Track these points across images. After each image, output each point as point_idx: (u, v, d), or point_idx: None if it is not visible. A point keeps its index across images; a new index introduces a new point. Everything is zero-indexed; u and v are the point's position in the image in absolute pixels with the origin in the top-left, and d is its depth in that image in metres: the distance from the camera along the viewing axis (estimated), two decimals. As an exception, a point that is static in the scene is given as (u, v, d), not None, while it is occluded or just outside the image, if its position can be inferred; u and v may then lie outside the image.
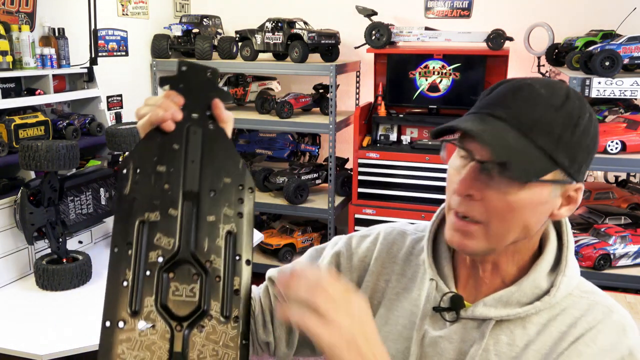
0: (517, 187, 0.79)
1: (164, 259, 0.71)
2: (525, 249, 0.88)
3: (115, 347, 0.68)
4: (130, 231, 0.71)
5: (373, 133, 3.85)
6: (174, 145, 0.74)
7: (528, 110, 0.79)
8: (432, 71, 3.75)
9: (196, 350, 0.69)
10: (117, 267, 0.71)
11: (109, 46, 3.55)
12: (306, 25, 3.78)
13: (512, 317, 0.85)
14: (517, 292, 0.86)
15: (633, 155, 2.89)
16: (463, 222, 0.83)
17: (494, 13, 3.86)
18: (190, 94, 0.77)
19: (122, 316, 0.69)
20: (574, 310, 0.84)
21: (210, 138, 0.75)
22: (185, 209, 0.72)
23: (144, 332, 0.69)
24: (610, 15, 3.48)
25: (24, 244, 2.36)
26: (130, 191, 0.73)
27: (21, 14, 2.84)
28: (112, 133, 2.56)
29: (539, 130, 0.78)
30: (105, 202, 2.68)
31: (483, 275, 0.90)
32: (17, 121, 2.53)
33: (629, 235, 2.96)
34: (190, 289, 0.71)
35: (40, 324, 2.02)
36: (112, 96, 3.57)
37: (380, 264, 1.01)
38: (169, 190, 0.73)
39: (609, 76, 2.80)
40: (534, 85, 0.81)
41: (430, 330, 0.90)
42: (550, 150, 0.78)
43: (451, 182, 0.86)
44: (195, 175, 0.73)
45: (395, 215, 3.61)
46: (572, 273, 0.87)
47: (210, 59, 3.90)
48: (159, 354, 0.68)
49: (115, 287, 0.70)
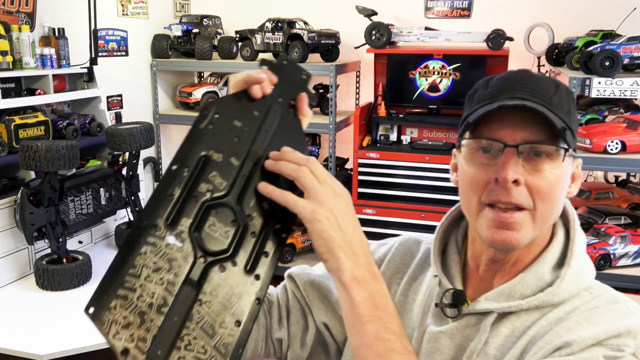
0: (553, 163, 0.81)
1: (212, 195, 0.74)
2: (541, 238, 0.87)
3: (141, 245, 0.70)
4: (192, 157, 0.76)
5: (373, 133, 3.85)
6: (254, 111, 0.80)
7: (541, 88, 0.83)
8: (432, 71, 3.75)
9: (211, 286, 0.71)
10: (169, 182, 0.74)
11: (109, 46, 3.55)
12: (306, 25, 3.78)
13: (514, 309, 0.84)
14: (519, 284, 0.85)
15: (633, 155, 2.89)
16: (509, 213, 0.81)
17: (494, 13, 3.86)
18: (283, 81, 0.83)
19: (158, 222, 0.72)
20: (577, 302, 0.83)
21: (287, 122, 0.81)
22: (245, 165, 0.77)
23: (170, 246, 0.71)
24: (610, 15, 3.48)
25: (24, 244, 2.36)
26: (205, 128, 0.77)
27: (21, 14, 2.84)
28: (112, 133, 2.56)
29: (556, 105, 0.82)
30: (105, 202, 2.68)
31: (501, 274, 0.89)
32: (17, 121, 2.53)
33: (629, 235, 2.96)
34: (225, 230, 0.74)
35: (40, 324, 2.02)
36: (112, 96, 3.57)
37: (394, 269, 1.02)
38: (238, 143, 0.77)
39: (609, 76, 2.80)
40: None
41: (432, 327, 0.90)
42: (567, 121, 0.82)
43: (477, 182, 0.84)
44: (264, 141, 0.78)
45: (395, 216, 3.61)
46: (581, 270, 0.85)
47: (210, 59, 3.90)
48: (176, 271, 0.70)
49: (160, 197, 0.73)
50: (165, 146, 4.20)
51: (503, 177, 0.80)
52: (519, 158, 0.80)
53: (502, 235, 0.82)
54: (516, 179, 0.80)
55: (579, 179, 0.89)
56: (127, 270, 0.69)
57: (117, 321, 0.66)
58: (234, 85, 0.82)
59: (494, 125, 0.83)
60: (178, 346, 0.67)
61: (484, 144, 0.83)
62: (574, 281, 0.84)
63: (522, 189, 0.81)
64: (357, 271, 0.74)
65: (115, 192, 2.74)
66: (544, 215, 0.82)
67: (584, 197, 3.38)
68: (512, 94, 0.82)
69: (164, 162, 4.19)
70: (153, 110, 4.04)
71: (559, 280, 0.83)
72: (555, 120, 0.79)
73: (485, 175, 0.83)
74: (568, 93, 0.85)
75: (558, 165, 0.81)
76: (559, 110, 0.81)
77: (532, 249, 0.87)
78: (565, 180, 0.84)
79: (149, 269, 0.69)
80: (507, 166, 0.80)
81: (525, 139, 0.81)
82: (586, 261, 0.87)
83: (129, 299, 0.68)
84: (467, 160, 0.86)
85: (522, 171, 0.80)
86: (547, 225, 0.85)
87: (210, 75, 4.14)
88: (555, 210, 0.84)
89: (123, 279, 0.68)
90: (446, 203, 3.51)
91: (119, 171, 2.76)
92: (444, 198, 3.51)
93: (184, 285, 0.70)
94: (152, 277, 0.69)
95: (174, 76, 4.23)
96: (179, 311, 0.68)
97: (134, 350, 0.65)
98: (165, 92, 4.16)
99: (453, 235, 0.98)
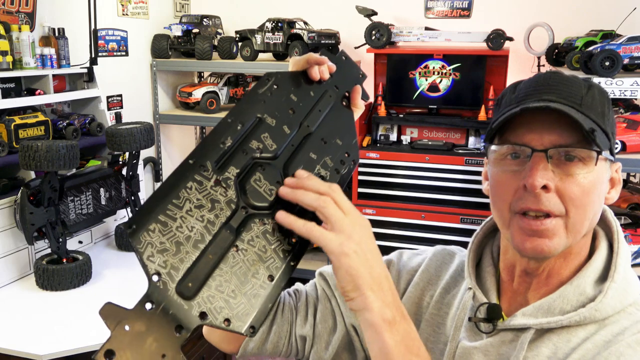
0: (586, 167, 0.77)
1: (261, 154, 0.76)
2: (579, 248, 0.83)
3: (188, 179, 0.71)
4: (248, 115, 0.78)
5: (373, 133, 3.85)
6: (311, 92, 0.83)
7: (570, 89, 0.79)
8: (432, 71, 3.75)
9: (249, 235, 0.72)
10: (222, 132, 0.76)
11: (109, 46, 3.55)
12: (306, 25, 3.78)
13: (554, 326, 0.78)
14: (558, 298, 0.80)
15: (633, 155, 2.89)
16: (539, 221, 0.77)
17: (494, 13, 3.86)
18: (340, 73, 0.87)
19: (206, 163, 0.73)
20: (625, 321, 0.77)
21: (340, 110, 0.85)
22: (296, 135, 0.79)
23: (216, 188, 0.72)
24: (610, 15, 3.48)
25: (24, 244, 2.36)
26: (263, 93, 0.80)
27: (21, 14, 2.84)
28: (112, 133, 2.56)
29: (587, 106, 0.78)
30: (105, 202, 2.68)
31: (536, 287, 0.85)
32: (17, 121, 2.53)
33: (629, 235, 2.96)
34: (270, 188, 0.75)
35: (40, 324, 2.02)
36: (112, 96, 3.57)
37: (427, 280, 0.98)
38: (292, 114, 0.80)
39: (609, 76, 2.80)
40: (556, 71, 0.83)
41: (465, 342, 0.86)
42: (601, 123, 0.78)
43: (506, 189, 0.80)
44: (317, 119, 0.82)
45: (395, 215, 3.61)
46: (626, 285, 0.80)
47: (210, 59, 3.90)
48: (218, 213, 0.71)
49: (212, 143, 0.75)
50: (165, 146, 4.20)
51: (531, 183, 0.76)
52: (548, 163, 0.77)
53: (533, 243, 0.78)
54: (545, 184, 0.76)
55: (618, 184, 0.85)
56: (170, 199, 0.69)
57: (154, 244, 0.67)
58: (294, 63, 0.83)
59: (521, 129, 0.79)
60: (209, 284, 0.68)
61: (511, 150, 0.80)
62: (618, 297, 0.79)
63: (552, 195, 0.77)
64: (387, 311, 0.70)
65: (115, 192, 2.74)
66: (577, 222, 0.78)
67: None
68: (540, 96, 0.79)
69: (164, 162, 4.19)
70: (153, 110, 4.04)
71: (602, 295, 0.78)
72: (583, 121, 0.75)
73: (514, 182, 0.79)
74: (602, 93, 0.81)
75: (591, 170, 0.77)
76: (590, 111, 0.78)
77: (569, 260, 0.83)
78: (601, 185, 0.80)
79: (191, 203, 0.70)
80: (535, 172, 0.76)
81: (554, 142, 0.77)
82: (631, 275, 0.82)
83: (168, 226, 0.68)
84: (495, 168, 0.83)
85: (552, 176, 0.77)
86: (582, 233, 0.80)
87: (210, 75, 4.14)
88: (590, 217, 0.79)
89: (166, 206, 0.69)
90: (446, 203, 3.52)
91: (119, 171, 2.76)
92: (444, 198, 3.51)
93: (223, 228, 0.71)
94: (193, 212, 0.70)
95: (174, 76, 4.23)
96: (215, 250, 0.69)
97: (166, 276, 0.66)
98: (165, 92, 4.16)
99: (488, 247, 0.94)
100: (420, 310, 0.97)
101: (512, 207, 0.80)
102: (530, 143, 0.78)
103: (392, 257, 1.04)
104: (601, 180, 0.80)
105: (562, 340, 0.79)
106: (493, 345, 0.83)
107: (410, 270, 1.01)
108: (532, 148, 0.78)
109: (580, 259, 0.84)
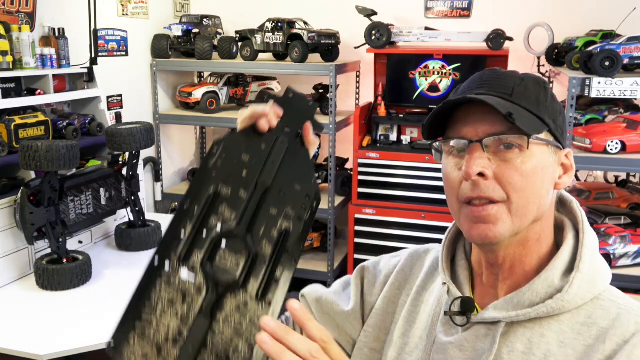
0: (522, 153, 0.80)
1: (222, 228, 0.77)
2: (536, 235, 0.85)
3: (155, 280, 0.74)
4: (202, 194, 0.79)
5: (373, 133, 3.85)
6: (262, 144, 0.83)
7: (501, 82, 0.84)
8: (432, 71, 3.75)
9: (224, 315, 0.73)
10: (181, 221, 0.78)
11: (109, 46, 3.55)
12: (306, 25, 3.77)
13: (522, 318, 0.81)
14: (528, 291, 0.82)
15: (633, 155, 2.89)
16: (482, 207, 0.81)
17: (494, 13, 3.86)
18: (289, 113, 0.86)
19: (171, 257, 0.75)
20: (601, 321, 0.78)
21: (294, 151, 0.84)
22: (254, 196, 0.80)
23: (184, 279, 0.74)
24: (610, 15, 3.48)
25: (24, 244, 2.36)
26: (214, 165, 0.81)
27: (21, 14, 2.84)
28: (112, 133, 2.56)
29: (518, 95, 0.83)
30: (105, 202, 2.68)
31: (502, 277, 0.87)
32: (17, 121, 2.53)
33: (629, 235, 2.96)
34: (236, 261, 0.76)
35: (40, 324, 2.02)
36: (112, 96, 3.57)
37: (403, 279, 1.01)
38: (246, 175, 0.81)
39: (609, 76, 2.79)
40: (494, 68, 0.88)
41: (442, 337, 0.88)
42: (534, 110, 0.82)
43: (451, 180, 0.85)
44: (272, 172, 0.82)
45: (395, 215, 3.61)
46: (593, 275, 0.82)
47: (210, 59, 3.90)
48: (190, 303, 0.73)
49: (173, 234, 0.77)
50: (165, 146, 4.20)
51: (466, 172, 0.81)
52: (484, 152, 0.81)
53: (478, 230, 0.82)
54: (481, 172, 0.80)
55: (571, 169, 0.87)
56: (143, 305, 0.73)
57: (136, 355, 0.71)
58: (241, 122, 0.84)
59: (459, 124, 0.84)
60: None
61: (454, 145, 0.85)
62: (586, 286, 0.81)
63: (490, 182, 0.80)
64: None
65: (115, 192, 2.74)
66: (520, 206, 0.81)
67: (584, 197, 3.38)
68: (472, 92, 0.84)
69: (164, 162, 4.19)
70: (153, 110, 4.04)
71: (568, 286, 0.80)
72: (501, 107, 0.78)
73: (457, 174, 0.84)
74: (537, 83, 0.85)
75: (529, 155, 0.80)
76: (522, 100, 0.82)
77: (528, 248, 0.85)
78: (543, 170, 0.82)
79: (164, 302, 0.73)
80: (470, 161, 0.81)
81: (488, 132, 0.81)
82: (600, 264, 0.84)
83: (145, 333, 0.72)
84: (443, 164, 0.88)
85: (489, 164, 0.81)
86: (529, 217, 0.82)
87: (210, 75, 4.14)
88: (536, 200, 0.82)
89: (139, 313, 0.72)
90: (446, 203, 3.51)
91: (119, 171, 2.76)
92: (444, 198, 3.49)
93: (198, 316, 0.73)
94: (167, 310, 0.73)
95: (174, 76, 4.23)
96: (193, 341, 0.71)
97: None
98: (165, 92, 4.16)
99: (461, 242, 0.97)
100: (396, 308, 1.00)
101: (459, 198, 0.84)
102: (467, 135, 0.83)
103: (368, 264, 1.08)
104: (543, 165, 0.82)
105: (536, 335, 0.80)
106: (468, 340, 0.85)
107: (387, 273, 1.04)
108: (469, 140, 0.82)
109: (543, 249, 0.86)
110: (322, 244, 4.07)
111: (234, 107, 4.17)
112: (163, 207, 4.10)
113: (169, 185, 4.27)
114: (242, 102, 4.15)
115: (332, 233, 3.79)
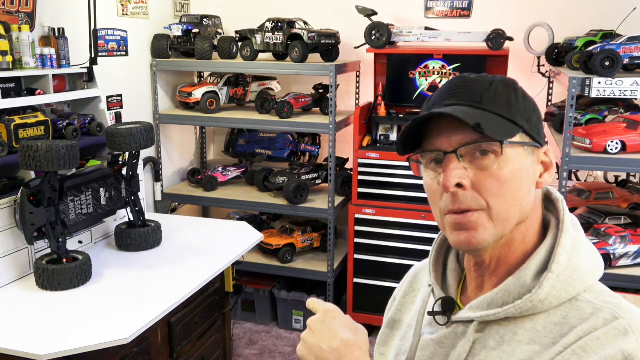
0: (498, 159, 0.80)
1: None
2: (521, 235, 0.85)
3: None
4: None
5: (373, 133, 3.85)
6: None
7: (469, 90, 0.85)
8: (432, 71, 3.75)
9: None
10: None
11: (109, 46, 3.55)
12: (306, 25, 3.77)
13: (493, 318, 0.82)
14: (501, 292, 0.83)
15: (633, 155, 2.89)
16: (463, 215, 0.82)
17: (494, 13, 3.86)
18: None
19: None
20: (574, 321, 0.78)
21: None
22: None
23: None
24: (610, 15, 3.48)
25: (24, 244, 2.36)
26: None
27: (21, 14, 2.84)
28: (112, 133, 2.56)
29: (488, 100, 0.83)
30: (105, 202, 2.68)
31: (488, 276, 0.88)
32: (17, 121, 2.53)
33: (629, 235, 2.96)
34: None
35: (40, 324, 2.02)
36: (112, 96, 3.57)
37: (403, 294, 1.07)
38: None
39: (609, 76, 2.79)
40: (463, 75, 0.89)
41: (427, 335, 0.92)
42: (506, 114, 0.82)
43: (434, 194, 0.87)
44: None
45: (395, 216, 3.61)
46: (570, 273, 0.80)
47: (210, 59, 3.90)
48: None
49: None
50: (165, 146, 4.20)
51: (444, 184, 0.82)
52: (460, 162, 0.81)
53: (461, 237, 0.83)
54: (459, 182, 0.81)
55: (551, 166, 0.87)
56: None
57: None
58: None
59: (433, 136, 0.85)
60: None
61: (431, 157, 0.86)
62: (562, 286, 0.80)
63: (469, 192, 0.81)
64: None
65: (115, 192, 2.74)
66: (501, 212, 0.81)
67: (584, 197, 3.38)
68: (442, 102, 0.85)
69: (164, 162, 4.19)
70: (153, 110, 4.04)
71: (537, 287, 0.80)
72: (469, 118, 0.79)
73: (437, 187, 0.85)
74: (507, 86, 0.85)
75: (505, 160, 0.80)
76: (492, 105, 0.82)
77: (513, 248, 0.86)
78: (522, 173, 0.82)
79: None
80: (447, 172, 0.81)
81: (462, 142, 0.81)
82: (581, 264, 0.82)
83: None
84: (423, 177, 0.89)
85: (465, 174, 0.81)
86: (512, 220, 0.82)
87: (210, 75, 4.14)
88: (518, 204, 0.82)
89: None
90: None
91: (119, 171, 2.76)
92: (444, 198, 3.51)
93: None
94: None
95: (174, 76, 4.23)
96: None
97: None
98: (165, 92, 4.16)
99: (449, 247, 1.00)
100: (400, 324, 1.06)
101: (441, 210, 0.85)
102: (441, 147, 0.83)
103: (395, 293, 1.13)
104: (521, 168, 0.82)
105: (509, 332, 0.82)
106: (447, 337, 0.88)
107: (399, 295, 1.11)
108: (443, 151, 0.83)
109: (527, 247, 0.87)
110: (322, 244, 4.07)
111: (234, 107, 4.17)
112: (163, 207, 4.10)
113: (169, 185, 4.27)
114: (242, 102, 4.15)
115: (332, 233, 3.79)
